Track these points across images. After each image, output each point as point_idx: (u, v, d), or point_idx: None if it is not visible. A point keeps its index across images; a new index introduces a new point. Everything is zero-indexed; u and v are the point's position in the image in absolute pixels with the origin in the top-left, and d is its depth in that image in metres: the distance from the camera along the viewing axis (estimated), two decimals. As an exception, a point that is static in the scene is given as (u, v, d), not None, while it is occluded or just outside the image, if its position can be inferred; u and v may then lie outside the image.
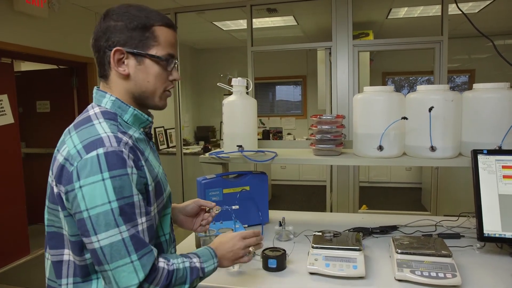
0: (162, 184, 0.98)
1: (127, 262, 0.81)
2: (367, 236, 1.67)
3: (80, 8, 4.05)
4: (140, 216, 0.84)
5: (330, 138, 1.74)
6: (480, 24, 1.85)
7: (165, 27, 0.95)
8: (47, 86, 4.47)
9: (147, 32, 0.92)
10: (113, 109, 0.95)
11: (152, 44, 0.93)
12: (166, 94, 1.01)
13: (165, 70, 0.97)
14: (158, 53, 0.94)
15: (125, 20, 0.91)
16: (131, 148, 0.86)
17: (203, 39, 6.29)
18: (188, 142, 6.37)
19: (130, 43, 0.92)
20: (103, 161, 0.81)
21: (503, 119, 1.51)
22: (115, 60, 0.92)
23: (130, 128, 0.96)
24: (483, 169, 1.44)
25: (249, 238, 1.11)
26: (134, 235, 0.82)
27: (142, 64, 0.93)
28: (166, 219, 1.03)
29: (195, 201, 1.25)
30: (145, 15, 0.93)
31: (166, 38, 0.95)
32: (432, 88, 1.63)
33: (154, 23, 0.93)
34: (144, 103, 0.98)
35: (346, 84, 3.65)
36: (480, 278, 1.25)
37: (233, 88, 1.83)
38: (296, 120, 7.12)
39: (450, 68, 6.00)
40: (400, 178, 6.53)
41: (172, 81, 1.00)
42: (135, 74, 0.94)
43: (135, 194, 0.84)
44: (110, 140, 0.84)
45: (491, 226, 1.39)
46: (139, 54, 0.92)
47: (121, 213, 0.81)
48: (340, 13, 3.59)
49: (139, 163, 0.87)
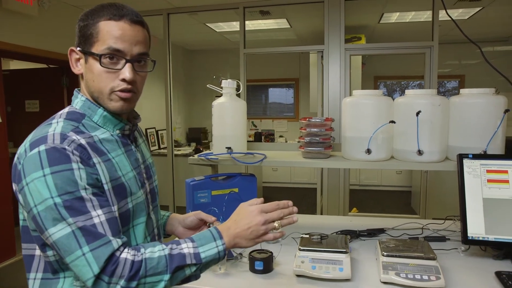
0: (127, 188, 0.92)
1: (79, 255, 0.78)
2: (355, 238, 1.68)
3: (70, 7, 4.02)
4: (94, 208, 0.80)
5: (319, 141, 1.75)
6: (469, 30, 1.88)
7: (111, 20, 0.88)
8: (36, 85, 4.43)
9: (92, 28, 0.89)
10: (82, 110, 0.94)
11: (93, 41, 0.89)
12: (117, 95, 0.91)
13: (109, 68, 0.89)
14: (97, 50, 0.88)
15: (81, 20, 0.91)
16: (79, 146, 0.84)
17: (195, 41, 6.28)
18: (179, 143, 6.35)
19: (79, 42, 0.92)
20: (44, 157, 0.80)
21: (488, 124, 1.53)
22: (72, 60, 0.94)
23: (98, 129, 0.93)
24: (468, 173, 1.46)
25: (271, 212, 0.95)
26: (84, 227, 0.78)
27: (88, 62, 0.91)
28: (139, 228, 0.97)
29: (195, 214, 1.18)
30: (98, 11, 0.89)
31: (108, 33, 0.87)
32: (420, 93, 1.65)
33: (100, 19, 0.88)
34: (100, 104, 0.93)
35: (338, 88, 3.67)
36: (464, 280, 1.27)
37: (223, 90, 1.83)
38: (288, 122, 7.14)
39: (441, 73, 6.07)
40: (390, 181, 6.58)
41: (122, 80, 0.90)
42: (85, 74, 0.93)
43: (82, 189, 0.80)
44: (54, 137, 0.83)
45: (475, 229, 1.41)
46: (83, 52, 0.91)
47: (66, 207, 0.78)
48: (333, 16, 3.61)
49: (90, 161, 0.84)
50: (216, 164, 1.91)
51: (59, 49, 3.87)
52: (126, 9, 0.91)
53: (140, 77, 0.94)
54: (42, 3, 3.60)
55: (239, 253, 1.47)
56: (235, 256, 1.46)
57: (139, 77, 0.94)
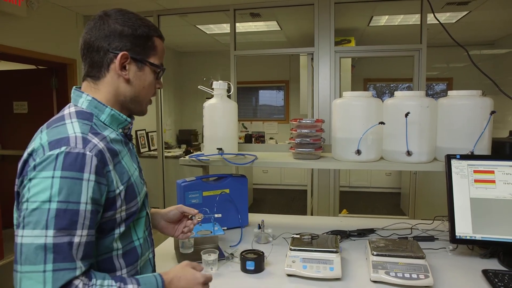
0: (135, 187, 0.96)
1: (39, 270, 0.74)
2: (345, 238, 1.70)
3: (60, 8, 3.98)
4: (82, 227, 0.79)
5: (309, 142, 1.76)
6: (457, 34, 1.91)
7: (159, 38, 1.01)
8: (25, 86, 4.36)
9: (149, 41, 0.98)
10: (89, 109, 0.94)
11: (151, 53, 0.99)
12: (150, 101, 1.06)
13: (156, 78, 1.02)
14: (155, 62, 1.00)
15: (131, 27, 0.95)
16: (99, 152, 0.85)
17: (186, 42, 6.27)
18: (170, 145, 6.33)
19: (134, 49, 0.95)
20: (61, 159, 0.79)
21: (475, 125, 1.56)
22: (120, 64, 0.94)
23: (107, 128, 0.94)
24: (456, 174, 1.48)
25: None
26: (59, 245, 0.76)
27: (142, 70, 0.98)
28: (140, 223, 1.00)
29: (177, 207, 1.24)
30: (145, 24, 0.98)
31: (161, 49, 1.02)
32: (409, 94, 1.67)
33: (154, 34, 0.99)
34: (130, 107, 1.00)
35: (328, 90, 3.69)
36: (452, 278, 1.29)
37: (214, 91, 1.83)
38: (279, 124, 7.16)
39: (430, 76, 6.16)
40: (380, 183, 6.64)
41: (157, 88, 1.05)
42: (134, 79, 0.97)
43: (84, 203, 0.80)
44: (76, 140, 0.83)
45: (463, 228, 1.43)
46: (142, 61, 0.97)
47: (57, 215, 0.76)
48: (323, 19, 3.64)
49: (104, 170, 0.85)
50: (207, 165, 1.91)
51: (48, 50, 3.83)
52: (158, 28, 1.03)
53: None
54: (30, 3, 3.55)
55: (231, 253, 1.48)
56: (226, 256, 1.46)
57: None
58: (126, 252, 0.94)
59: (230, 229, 1.79)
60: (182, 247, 1.47)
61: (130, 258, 0.96)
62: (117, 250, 0.92)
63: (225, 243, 1.63)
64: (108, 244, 0.90)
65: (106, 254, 0.90)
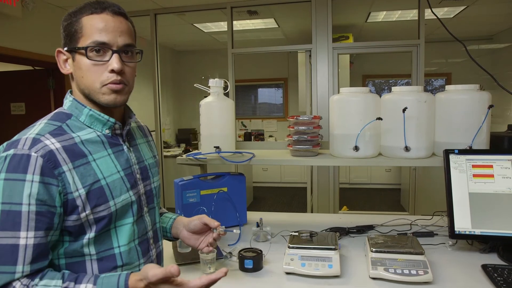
0: (107, 191, 0.89)
1: None
2: (344, 235, 1.69)
3: (56, 8, 3.96)
4: (27, 228, 0.77)
5: (307, 139, 1.75)
6: (455, 29, 1.90)
7: (93, 14, 0.88)
8: (22, 87, 4.35)
9: (75, 26, 0.89)
10: (69, 110, 0.93)
11: (78, 37, 0.88)
12: (108, 88, 0.89)
13: (96, 61, 0.88)
14: (82, 44, 0.88)
15: (63, 21, 0.92)
16: (48, 152, 0.81)
17: (183, 41, 6.25)
18: (169, 144, 6.32)
19: (66, 42, 0.91)
20: (7, 162, 0.79)
21: (473, 120, 1.55)
22: (60, 61, 0.93)
23: (84, 129, 0.92)
24: (454, 168, 1.47)
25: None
26: (2, 246, 0.75)
27: (75, 60, 0.90)
28: (123, 230, 0.93)
29: (199, 218, 1.14)
30: (80, 8, 0.90)
31: (92, 26, 0.87)
32: (406, 90, 1.66)
33: (82, 15, 0.88)
34: (95, 100, 0.91)
35: (326, 87, 3.68)
36: (451, 274, 1.28)
37: (210, 89, 1.82)
38: (278, 122, 7.15)
39: (428, 72, 6.13)
40: (380, 179, 6.63)
41: (111, 72, 0.89)
42: (75, 73, 0.92)
43: (26, 204, 0.77)
44: (25, 142, 0.82)
45: (462, 223, 1.42)
46: (70, 50, 0.90)
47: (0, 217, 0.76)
48: (320, 16, 3.62)
49: (55, 171, 0.81)
50: (205, 164, 1.90)
51: (44, 51, 3.81)
52: (107, 3, 0.91)
53: (129, 68, 0.93)
54: (26, 4, 3.54)
55: (229, 252, 1.47)
56: (224, 255, 1.46)
57: (128, 68, 0.93)
58: (102, 258, 0.90)
59: (228, 227, 1.76)
60: (180, 246, 1.46)
61: (106, 265, 0.90)
62: (90, 255, 0.88)
63: (223, 241, 1.62)
64: (78, 248, 0.86)
65: (77, 258, 0.87)
